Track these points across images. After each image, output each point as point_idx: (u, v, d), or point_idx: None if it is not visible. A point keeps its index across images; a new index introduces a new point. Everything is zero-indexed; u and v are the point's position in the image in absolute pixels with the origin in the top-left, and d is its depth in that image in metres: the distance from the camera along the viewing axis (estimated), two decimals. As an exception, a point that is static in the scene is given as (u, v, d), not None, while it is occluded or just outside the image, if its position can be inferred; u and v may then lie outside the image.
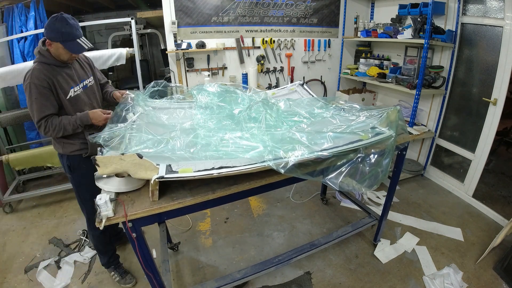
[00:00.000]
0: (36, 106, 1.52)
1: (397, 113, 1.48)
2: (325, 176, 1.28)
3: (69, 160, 1.75)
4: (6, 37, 2.94)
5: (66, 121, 1.59)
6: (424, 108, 3.25)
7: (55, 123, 1.57)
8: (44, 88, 1.51)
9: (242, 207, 2.88)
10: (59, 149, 1.74)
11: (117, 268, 2.08)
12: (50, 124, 1.56)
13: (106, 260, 2.05)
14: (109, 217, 1.07)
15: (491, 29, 2.49)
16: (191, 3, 3.23)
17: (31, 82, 1.49)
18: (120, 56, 2.83)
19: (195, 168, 1.11)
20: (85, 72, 1.78)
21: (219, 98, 1.84)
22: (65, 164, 1.77)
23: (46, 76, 1.52)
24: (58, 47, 1.52)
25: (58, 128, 1.58)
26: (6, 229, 2.67)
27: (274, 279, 2.04)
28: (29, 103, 1.53)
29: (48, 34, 1.50)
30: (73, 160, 1.75)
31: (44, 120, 1.55)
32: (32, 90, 1.50)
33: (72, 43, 1.52)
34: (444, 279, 1.92)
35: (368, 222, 2.25)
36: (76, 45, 1.54)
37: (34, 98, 1.51)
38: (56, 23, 1.47)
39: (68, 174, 1.81)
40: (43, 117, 1.55)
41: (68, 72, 1.63)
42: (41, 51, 1.55)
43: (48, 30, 1.49)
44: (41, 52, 1.55)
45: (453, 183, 3.03)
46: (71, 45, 1.53)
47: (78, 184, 1.83)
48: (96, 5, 4.50)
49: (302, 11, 3.70)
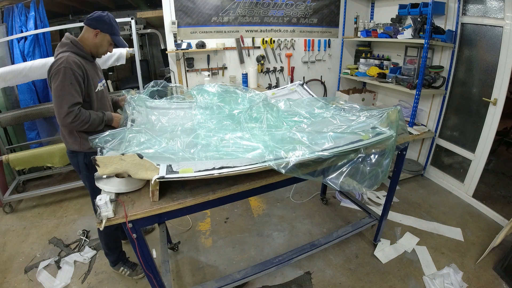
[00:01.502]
0: (70, 91, 1.48)
1: (397, 113, 1.48)
2: (326, 176, 1.28)
3: (87, 157, 1.70)
4: (6, 37, 2.94)
5: (95, 116, 1.59)
6: (424, 108, 3.25)
7: (85, 114, 1.55)
8: (79, 76, 1.51)
9: (242, 207, 2.88)
10: (74, 146, 1.68)
11: (125, 263, 2.09)
12: (80, 114, 1.52)
13: (115, 257, 2.06)
14: (109, 218, 1.06)
15: (491, 29, 2.50)
16: (191, 3, 3.23)
17: (67, 67, 1.46)
18: (120, 56, 2.82)
19: (196, 168, 1.11)
20: (101, 73, 1.83)
21: (219, 98, 1.84)
22: (81, 162, 1.73)
23: (82, 64, 1.54)
24: (105, 39, 1.63)
25: (86, 120, 1.55)
26: (6, 229, 2.67)
27: (274, 279, 2.04)
28: (59, 87, 1.46)
29: (100, 25, 1.58)
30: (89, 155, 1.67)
31: (76, 108, 1.50)
32: (67, 74, 1.46)
33: (119, 38, 1.68)
34: (444, 279, 1.92)
35: (368, 222, 2.25)
36: (121, 40, 1.70)
37: (69, 83, 1.47)
38: (109, 18, 1.61)
39: (85, 172, 1.76)
40: (75, 103, 1.50)
41: (94, 67, 1.69)
42: (74, 42, 1.57)
43: (99, 23, 1.58)
44: (73, 43, 1.56)
45: (453, 183, 3.04)
46: (118, 39, 1.68)
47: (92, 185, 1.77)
48: (96, 5, 4.49)
49: (302, 11, 3.70)
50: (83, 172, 1.77)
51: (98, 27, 1.59)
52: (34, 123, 3.26)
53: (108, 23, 1.61)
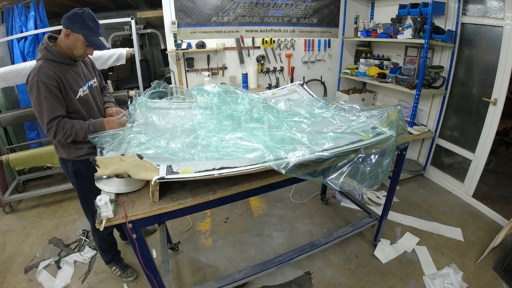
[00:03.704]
0: (46, 106, 1.40)
1: (397, 113, 1.48)
2: (326, 177, 1.28)
3: (75, 165, 1.67)
4: (6, 37, 2.94)
5: (79, 127, 1.49)
6: (424, 108, 3.25)
7: (67, 126, 1.46)
8: (53, 87, 1.41)
9: (242, 207, 2.88)
10: (63, 154, 1.65)
11: (118, 263, 2.09)
12: (62, 127, 1.45)
13: (110, 258, 2.07)
14: (109, 218, 1.06)
15: (491, 29, 2.49)
16: (191, 3, 3.23)
17: (39, 80, 1.38)
18: (120, 56, 2.82)
19: (196, 168, 1.11)
20: (89, 72, 1.72)
21: (219, 98, 1.83)
22: (69, 170, 1.69)
23: (55, 74, 1.42)
24: (78, 40, 1.46)
25: (69, 133, 1.47)
26: (6, 229, 2.67)
27: (274, 279, 2.04)
28: (36, 103, 1.41)
29: (70, 25, 1.43)
30: (80, 165, 1.67)
31: (55, 122, 1.43)
32: (41, 89, 1.38)
33: (95, 38, 1.50)
34: (444, 279, 1.92)
35: (368, 222, 2.25)
36: (98, 41, 1.52)
37: (43, 97, 1.39)
38: (83, 16, 1.44)
39: (74, 179, 1.73)
40: (54, 118, 1.43)
41: (75, 71, 1.56)
42: (48, 47, 1.45)
43: (71, 22, 1.43)
44: (47, 48, 1.45)
45: (453, 183, 3.03)
46: (94, 40, 1.50)
47: (86, 189, 1.73)
48: (96, 5, 4.48)
49: (302, 11, 3.70)
50: (72, 180, 1.74)
51: (69, 26, 1.44)
52: (34, 123, 3.26)
53: (81, 22, 1.44)
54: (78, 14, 1.44)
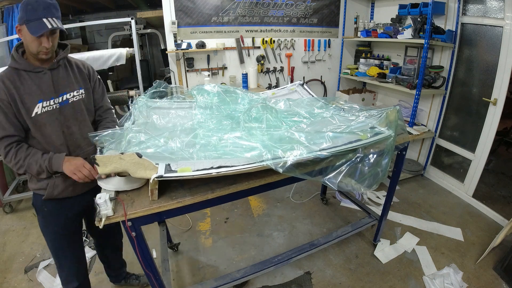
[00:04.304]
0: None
1: (396, 113, 1.48)
2: (324, 176, 1.28)
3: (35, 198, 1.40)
4: (6, 37, 2.95)
5: (33, 160, 1.21)
6: (424, 108, 3.25)
7: (20, 155, 1.20)
8: (3, 103, 1.16)
9: (242, 207, 2.88)
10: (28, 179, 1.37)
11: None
12: (14, 155, 1.19)
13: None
14: (109, 216, 1.06)
15: (491, 29, 2.49)
16: (191, 3, 3.23)
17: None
18: (120, 56, 2.83)
19: (194, 167, 1.11)
20: (72, 82, 1.35)
21: (219, 98, 1.84)
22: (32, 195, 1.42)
23: (6, 86, 1.17)
24: (25, 33, 1.15)
25: (21, 164, 1.20)
26: (6, 229, 2.67)
27: (274, 279, 2.04)
28: None
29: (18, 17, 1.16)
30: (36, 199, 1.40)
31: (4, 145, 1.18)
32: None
33: (35, 22, 1.12)
34: (444, 279, 1.92)
35: (368, 222, 2.24)
36: (38, 25, 1.12)
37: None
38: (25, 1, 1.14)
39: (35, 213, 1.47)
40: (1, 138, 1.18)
41: (43, 80, 1.25)
42: (13, 52, 1.23)
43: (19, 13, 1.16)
44: (12, 54, 1.23)
45: (453, 183, 3.03)
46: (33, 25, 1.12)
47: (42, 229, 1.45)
48: (96, 5, 4.51)
49: (302, 11, 3.70)
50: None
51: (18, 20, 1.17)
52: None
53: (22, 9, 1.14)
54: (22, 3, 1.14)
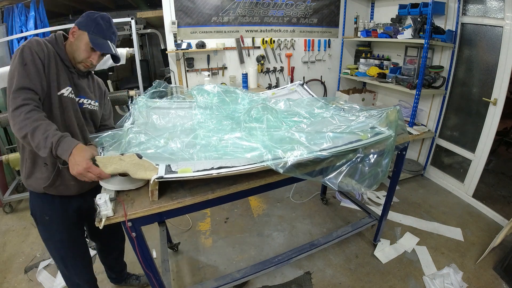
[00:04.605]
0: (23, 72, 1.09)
1: (396, 113, 1.48)
2: (324, 176, 1.28)
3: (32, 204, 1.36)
4: (6, 37, 2.95)
5: (43, 127, 1.04)
6: (424, 108, 3.25)
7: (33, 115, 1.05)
8: (38, 59, 1.14)
9: (242, 207, 2.88)
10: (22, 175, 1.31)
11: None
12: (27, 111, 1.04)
13: None
14: (109, 217, 1.06)
15: (491, 29, 2.49)
16: (191, 3, 3.23)
17: (26, 45, 1.13)
18: (120, 56, 2.82)
19: (194, 168, 1.11)
20: (92, 93, 1.41)
21: (219, 98, 1.84)
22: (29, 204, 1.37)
23: (48, 50, 1.19)
24: (82, 39, 1.23)
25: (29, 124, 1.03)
26: (6, 229, 2.67)
27: (274, 279, 2.04)
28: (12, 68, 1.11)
29: (79, 21, 1.26)
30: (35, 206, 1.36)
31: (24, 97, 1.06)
32: (25, 53, 1.11)
33: (100, 39, 1.26)
34: (444, 279, 1.92)
35: (368, 222, 2.24)
36: (103, 43, 1.26)
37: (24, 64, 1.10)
38: (96, 14, 1.27)
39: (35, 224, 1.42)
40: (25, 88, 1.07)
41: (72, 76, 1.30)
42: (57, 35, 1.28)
43: (81, 18, 1.26)
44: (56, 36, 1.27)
45: (453, 183, 3.03)
46: (98, 40, 1.24)
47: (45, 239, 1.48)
48: (96, 5, 4.50)
49: (302, 11, 3.70)
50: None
51: (77, 22, 1.26)
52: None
53: (90, 18, 1.25)
54: (92, 13, 1.27)
